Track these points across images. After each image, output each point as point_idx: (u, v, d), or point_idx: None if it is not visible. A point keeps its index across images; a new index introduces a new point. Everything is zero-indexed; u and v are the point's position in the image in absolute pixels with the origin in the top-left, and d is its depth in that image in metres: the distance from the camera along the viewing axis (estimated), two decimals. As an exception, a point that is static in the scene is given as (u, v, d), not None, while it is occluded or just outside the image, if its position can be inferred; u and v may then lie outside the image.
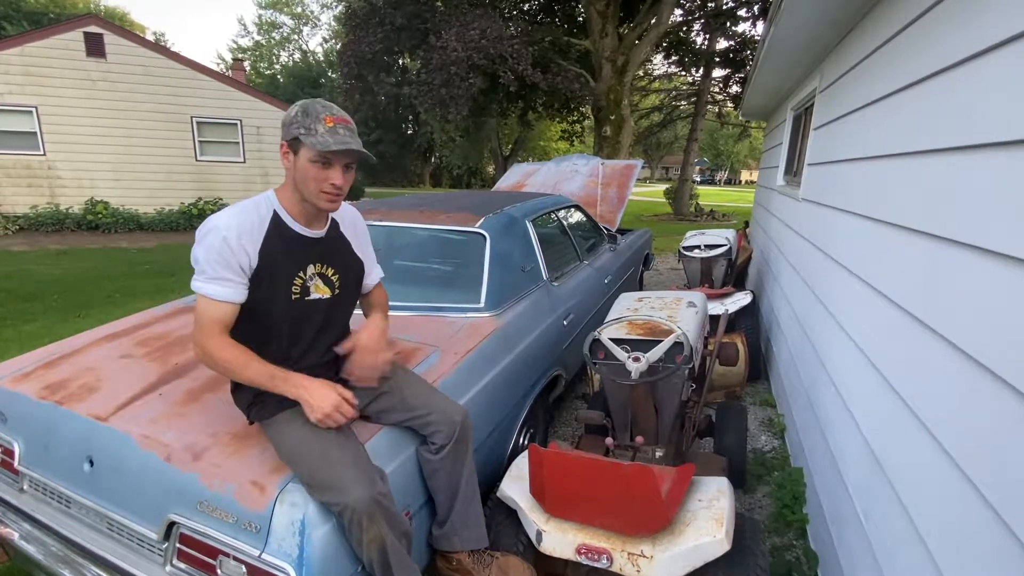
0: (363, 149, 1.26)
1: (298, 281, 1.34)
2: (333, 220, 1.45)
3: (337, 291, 1.44)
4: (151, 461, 1.32)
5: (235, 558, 1.20)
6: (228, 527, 1.21)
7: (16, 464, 1.54)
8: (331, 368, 1.48)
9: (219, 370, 1.27)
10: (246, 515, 1.19)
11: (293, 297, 1.34)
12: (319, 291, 1.39)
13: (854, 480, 1.60)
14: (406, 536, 1.32)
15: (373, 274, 1.61)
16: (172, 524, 1.28)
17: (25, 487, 1.56)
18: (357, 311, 1.59)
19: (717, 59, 13.86)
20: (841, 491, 1.69)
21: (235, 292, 1.25)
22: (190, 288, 1.28)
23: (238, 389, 1.38)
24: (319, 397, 1.25)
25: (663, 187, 19.65)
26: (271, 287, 1.30)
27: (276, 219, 1.31)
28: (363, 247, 1.55)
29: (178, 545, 1.29)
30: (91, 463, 1.41)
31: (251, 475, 1.25)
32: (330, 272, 1.42)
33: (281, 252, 1.30)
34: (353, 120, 1.29)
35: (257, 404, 1.35)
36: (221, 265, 1.22)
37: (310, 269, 1.37)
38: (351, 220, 1.53)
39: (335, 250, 1.44)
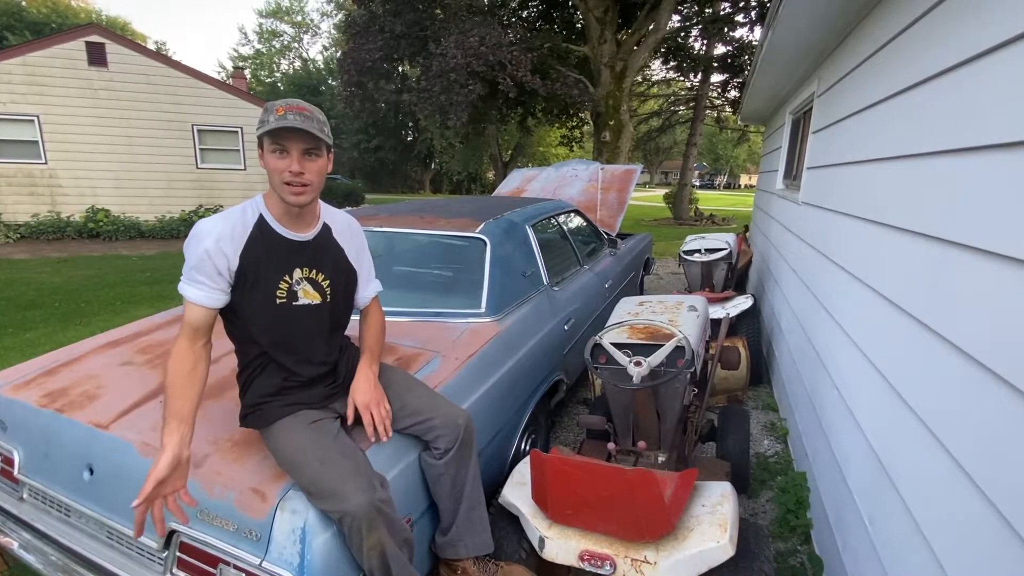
0: (313, 130, 1.20)
1: (283, 285, 1.33)
2: (325, 225, 1.43)
3: (328, 298, 1.41)
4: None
5: (235, 566, 1.20)
6: (228, 535, 1.21)
7: (16, 472, 1.53)
8: (330, 377, 1.47)
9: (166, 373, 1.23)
10: (247, 523, 1.19)
11: (278, 301, 1.32)
12: (308, 296, 1.38)
13: (858, 483, 1.59)
14: (407, 543, 1.31)
15: (369, 287, 1.57)
16: (172, 532, 1.27)
17: (25, 496, 1.55)
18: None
19: (715, 64, 13.92)
20: (845, 495, 1.68)
21: (207, 296, 1.26)
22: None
23: (245, 391, 1.38)
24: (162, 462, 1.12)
25: (663, 192, 19.74)
26: (254, 290, 1.29)
27: (261, 222, 1.31)
28: (359, 256, 1.52)
29: (178, 554, 1.28)
30: (91, 471, 1.40)
31: (251, 482, 1.24)
32: (320, 278, 1.40)
33: (265, 255, 1.30)
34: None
35: (256, 412, 1.34)
36: (197, 269, 1.25)
37: (297, 273, 1.35)
38: (346, 226, 1.50)
39: (325, 255, 1.41)
